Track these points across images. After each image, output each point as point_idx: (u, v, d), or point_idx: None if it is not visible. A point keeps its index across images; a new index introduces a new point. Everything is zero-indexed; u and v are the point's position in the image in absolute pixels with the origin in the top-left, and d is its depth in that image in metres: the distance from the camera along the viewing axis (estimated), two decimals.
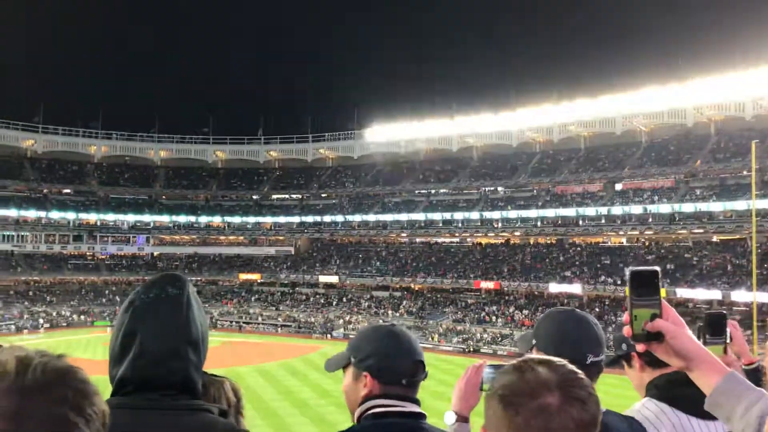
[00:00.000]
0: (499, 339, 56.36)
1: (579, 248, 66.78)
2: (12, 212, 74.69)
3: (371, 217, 78.70)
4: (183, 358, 1.56)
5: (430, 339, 58.33)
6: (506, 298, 64.56)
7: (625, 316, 1.57)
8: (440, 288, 68.52)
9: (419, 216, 75.64)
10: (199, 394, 1.60)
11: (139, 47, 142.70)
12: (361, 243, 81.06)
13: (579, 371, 1.29)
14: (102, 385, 1.14)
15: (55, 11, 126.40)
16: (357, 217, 79.81)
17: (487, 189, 74.80)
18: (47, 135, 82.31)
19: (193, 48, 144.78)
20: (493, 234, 72.36)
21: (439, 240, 76.85)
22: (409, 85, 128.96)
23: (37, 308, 67.58)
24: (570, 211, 66.40)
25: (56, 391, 0.91)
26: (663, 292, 1.63)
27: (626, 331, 1.57)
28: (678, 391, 2.24)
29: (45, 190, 79.33)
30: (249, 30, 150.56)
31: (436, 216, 74.81)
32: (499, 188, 74.31)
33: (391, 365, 2.03)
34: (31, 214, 76.25)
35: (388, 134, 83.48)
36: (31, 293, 71.16)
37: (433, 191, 78.65)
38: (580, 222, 65.75)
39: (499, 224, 71.05)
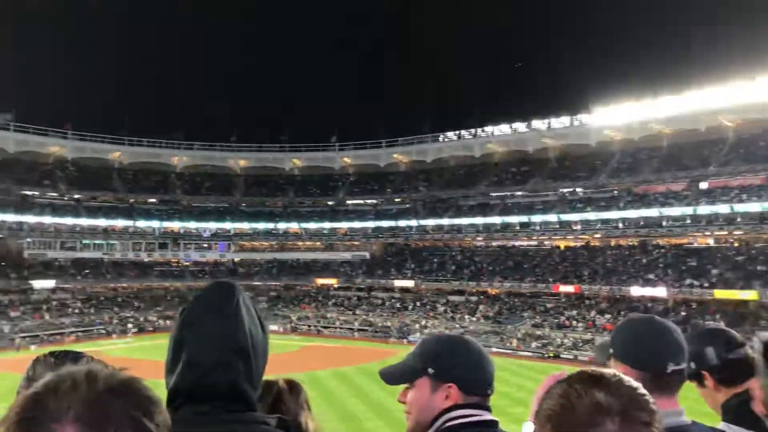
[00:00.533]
0: (580, 344, 55.01)
1: (663, 250, 64.45)
2: (101, 221, 78.45)
3: (445, 221, 78.52)
4: (231, 367, 1.51)
5: (508, 344, 57.67)
6: (587, 302, 62.99)
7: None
8: (518, 292, 67.51)
9: (495, 219, 74.85)
10: (253, 405, 1.55)
11: (214, 60, 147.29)
12: (435, 247, 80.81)
13: (639, 387, 1.16)
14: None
15: (136, 30, 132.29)
16: (431, 221, 79.81)
17: (565, 190, 73.30)
18: (132, 147, 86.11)
19: (267, 60, 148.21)
20: (572, 236, 70.84)
21: (516, 243, 75.77)
22: (481, 89, 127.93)
23: (125, 314, 70.65)
24: (653, 212, 64.26)
25: (128, 396, 0.94)
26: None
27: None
28: (754, 412, 2.11)
29: (131, 200, 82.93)
30: (318, 40, 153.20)
31: (513, 219, 73.84)
32: (578, 189, 72.63)
33: (479, 375, 2.01)
34: (119, 223, 79.87)
35: (461, 138, 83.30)
36: (119, 299, 74.43)
37: (508, 193, 77.61)
38: (664, 223, 63.55)
39: (579, 226, 69.48)
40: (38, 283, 68.32)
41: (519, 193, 76.78)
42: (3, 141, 75.83)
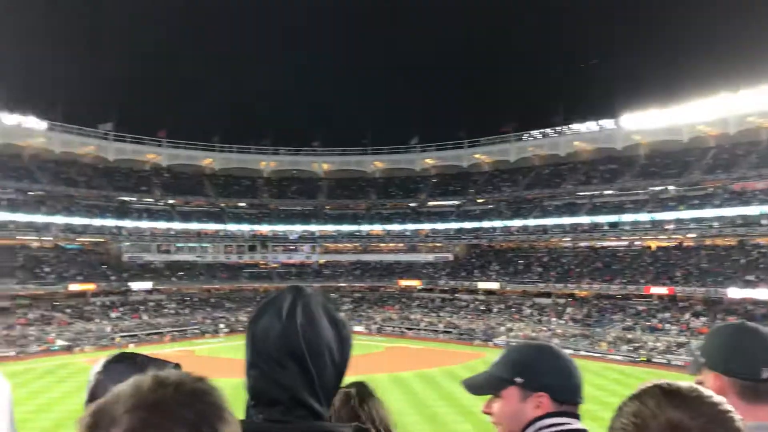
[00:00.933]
0: (674, 348, 52.85)
1: (763, 249, 61.00)
2: (194, 225, 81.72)
3: (530, 222, 77.12)
4: (286, 371, 1.49)
5: (597, 347, 56.12)
6: (680, 304, 60.45)
7: None
8: (607, 294, 65.50)
9: (583, 219, 72.94)
10: (319, 414, 1.52)
11: (299, 70, 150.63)
12: (520, 248, 79.51)
13: (722, 403, 1.03)
14: None
15: (218, 46, 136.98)
16: (515, 222, 78.59)
17: (656, 188, 70.61)
18: (223, 153, 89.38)
19: (350, 65, 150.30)
20: (664, 236, 68.12)
21: (605, 244, 73.61)
22: (565, 85, 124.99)
23: (217, 314, 73.15)
24: (752, 210, 60.95)
25: (187, 410, 0.91)
26: None
27: None
28: None
29: (222, 204, 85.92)
30: (394, 44, 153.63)
31: (601, 218, 71.71)
32: (670, 187, 69.79)
33: (569, 383, 1.97)
34: (211, 226, 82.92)
35: (546, 136, 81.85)
36: (212, 300, 77.13)
37: (596, 192, 75.44)
38: (763, 221, 60.17)
39: (671, 225, 66.71)
40: (136, 285, 71.81)
41: (607, 192, 74.53)
42: (104, 150, 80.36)
